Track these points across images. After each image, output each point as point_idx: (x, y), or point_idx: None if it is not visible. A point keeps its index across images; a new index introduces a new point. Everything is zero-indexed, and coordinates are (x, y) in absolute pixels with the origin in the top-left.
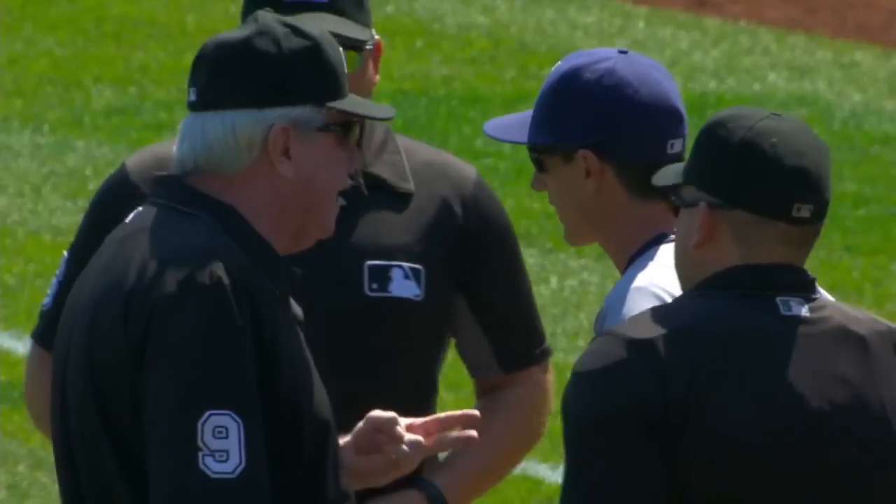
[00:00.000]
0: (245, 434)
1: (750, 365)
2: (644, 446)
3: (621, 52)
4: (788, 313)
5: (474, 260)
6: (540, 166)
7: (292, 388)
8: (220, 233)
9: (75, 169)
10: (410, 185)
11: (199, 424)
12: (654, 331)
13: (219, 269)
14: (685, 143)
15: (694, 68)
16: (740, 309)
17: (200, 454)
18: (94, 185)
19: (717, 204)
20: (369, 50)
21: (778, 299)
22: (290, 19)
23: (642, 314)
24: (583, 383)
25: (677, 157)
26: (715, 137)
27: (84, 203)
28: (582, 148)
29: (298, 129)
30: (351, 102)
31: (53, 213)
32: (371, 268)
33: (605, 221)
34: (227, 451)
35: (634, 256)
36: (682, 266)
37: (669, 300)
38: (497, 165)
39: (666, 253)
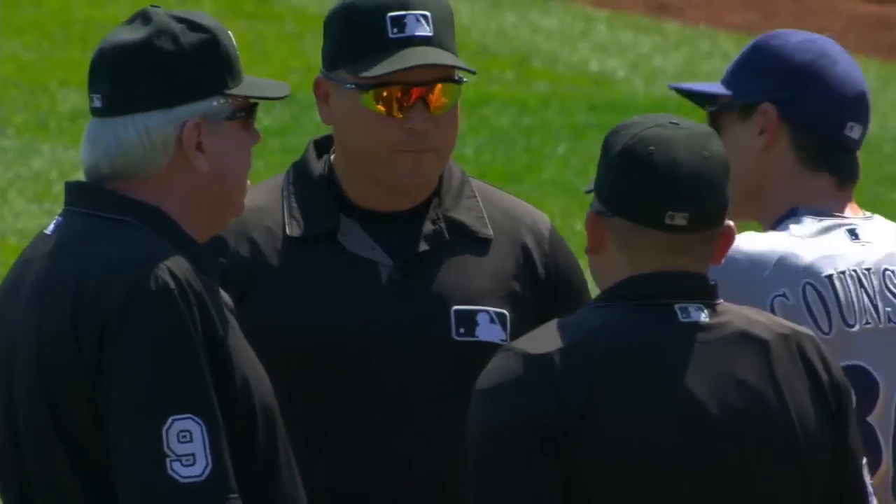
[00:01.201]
0: (208, 435)
1: (646, 374)
2: (541, 459)
3: (830, 35)
4: (687, 320)
5: (555, 305)
6: (715, 125)
7: (243, 380)
8: (154, 236)
9: (41, 172)
10: (490, 231)
11: (164, 431)
12: (551, 345)
13: (163, 275)
14: (865, 132)
15: (655, 72)
16: (638, 319)
17: (168, 460)
18: (58, 189)
19: (602, 211)
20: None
21: (677, 307)
22: (179, 13)
23: (545, 327)
24: (482, 400)
25: (853, 141)
26: (606, 144)
27: (50, 206)
28: (766, 102)
29: (208, 121)
30: (250, 86)
31: (18, 217)
32: (457, 312)
33: (765, 185)
34: (193, 455)
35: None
36: (590, 271)
37: (740, 260)
38: None
39: (787, 224)
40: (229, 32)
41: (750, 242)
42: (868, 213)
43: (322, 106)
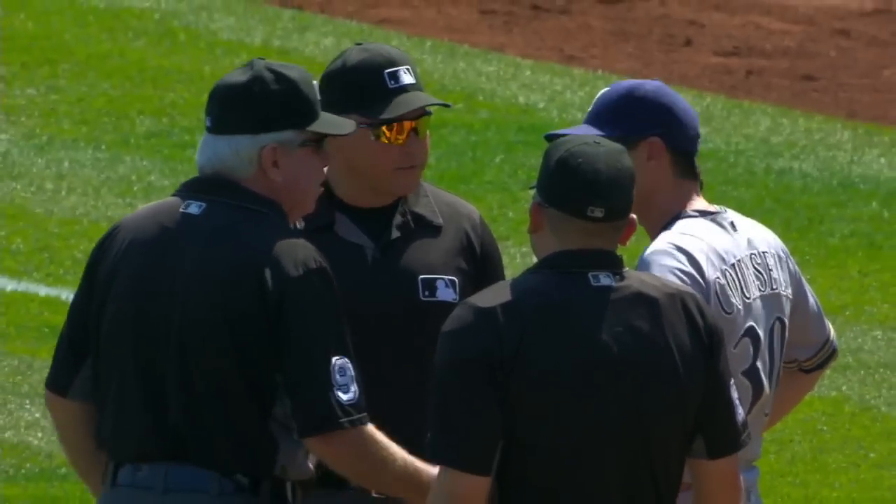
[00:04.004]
0: (353, 371)
1: (564, 324)
2: (486, 385)
3: (656, 80)
4: (598, 284)
5: (482, 273)
6: None
7: None
8: (288, 225)
9: (124, 176)
10: (440, 220)
11: (331, 368)
12: (496, 300)
13: (317, 255)
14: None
15: (566, 104)
16: (560, 283)
17: (334, 388)
18: (138, 188)
19: (541, 202)
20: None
21: (590, 274)
22: (275, 65)
23: (493, 287)
24: (444, 340)
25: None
26: (547, 154)
27: (131, 201)
28: (651, 136)
29: (283, 147)
30: (321, 123)
31: (108, 208)
32: (423, 280)
33: (653, 195)
34: (347, 385)
35: (665, 227)
36: (532, 246)
37: (682, 256)
38: (425, 174)
39: (686, 224)
40: (314, 82)
41: (687, 243)
42: (719, 206)
43: (330, 141)
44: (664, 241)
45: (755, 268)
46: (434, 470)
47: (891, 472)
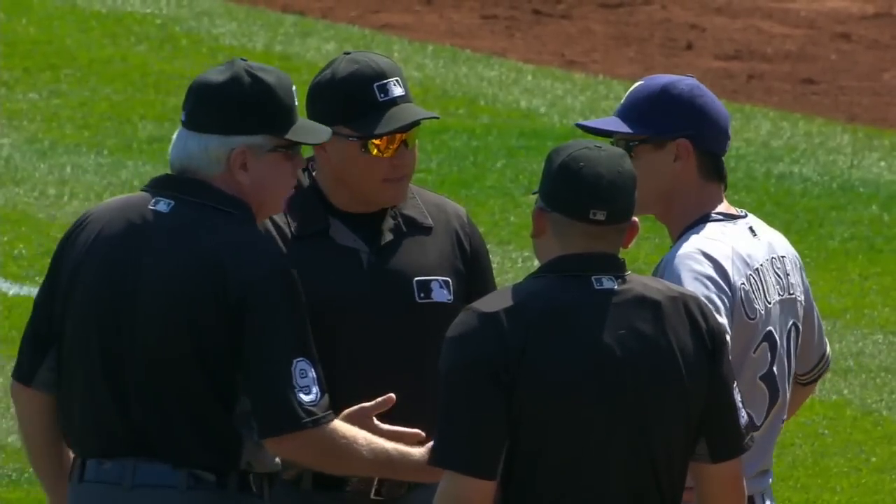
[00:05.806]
0: (315, 373)
1: (568, 328)
2: (490, 389)
3: (690, 76)
4: (601, 287)
5: (473, 271)
6: (630, 153)
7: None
8: (254, 224)
9: (127, 181)
10: (430, 221)
11: (292, 370)
12: (499, 305)
13: (284, 257)
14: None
15: (567, 109)
16: (564, 286)
17: (295, 390)
18: None
19: (543, 207)
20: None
21: (593, 278)
22: (255, 68)
23: (497, 292)
24: (449, 345)
25: (726, 152)
26: (549, 159)
27: None
28: (679, 138)
29: (252, 151)
30: (295, 131)
31: None
32: (418, 282)
33: (676, 196)
34: (309, 386)
35: (688, 227)
36: (534, 250)
37: (709, 262)
38: (426, 179)
39: (712, 228)
40: (293, 88)
41: (714, 249)
42: (741, 210)
43: (319, 152)
44: (692, 245)
45: (775, 272)
46: (404, 447)
47: (892, 476)
